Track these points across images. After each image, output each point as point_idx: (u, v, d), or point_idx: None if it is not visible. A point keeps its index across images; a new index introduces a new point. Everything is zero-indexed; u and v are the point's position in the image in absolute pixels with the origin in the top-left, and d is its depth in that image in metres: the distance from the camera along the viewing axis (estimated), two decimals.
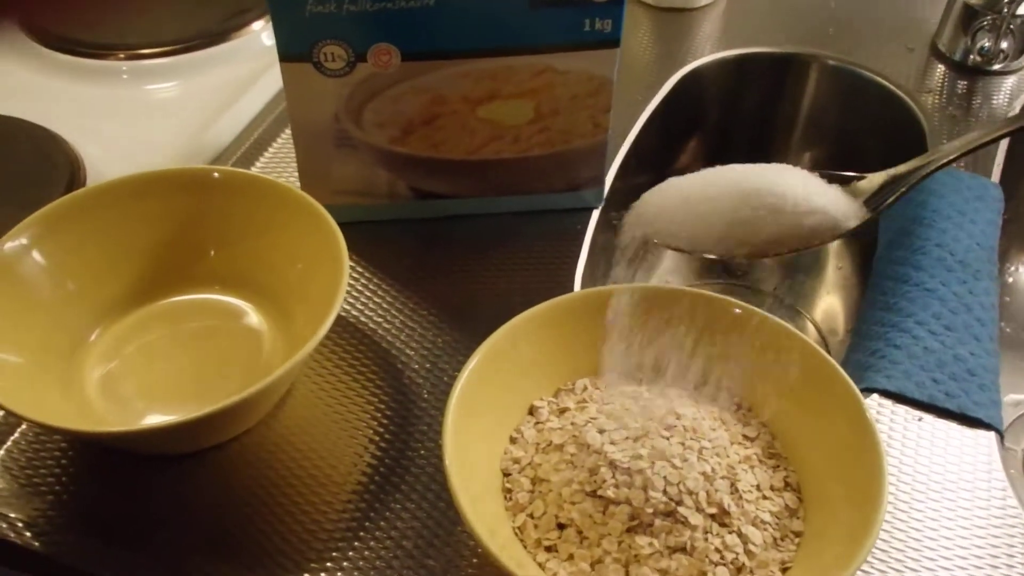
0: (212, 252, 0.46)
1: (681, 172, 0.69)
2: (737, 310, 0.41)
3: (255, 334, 0.44)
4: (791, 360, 0.39)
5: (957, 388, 0.44)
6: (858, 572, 0.36)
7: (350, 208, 0.50)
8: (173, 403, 0.40)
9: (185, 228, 0.45)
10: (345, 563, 0.36)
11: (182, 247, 0.45)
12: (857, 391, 0.37)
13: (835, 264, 0.66)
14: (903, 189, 0.46)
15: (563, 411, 0.39)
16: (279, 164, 0.55)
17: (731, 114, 0.68)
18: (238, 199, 0.45)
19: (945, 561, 0.38)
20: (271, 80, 0.61)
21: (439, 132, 0.49)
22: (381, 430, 0.41)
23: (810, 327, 0.63)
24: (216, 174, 0.46)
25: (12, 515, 0.37)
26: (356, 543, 0.37)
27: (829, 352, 0.53)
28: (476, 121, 0.49)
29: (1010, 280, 0.66)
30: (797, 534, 0.36)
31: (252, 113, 0.58)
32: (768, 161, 0.69)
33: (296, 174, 0.50)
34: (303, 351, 0.37)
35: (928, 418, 0.43)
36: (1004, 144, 0.62)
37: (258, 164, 0.55)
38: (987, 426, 0.43)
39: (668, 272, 0.67)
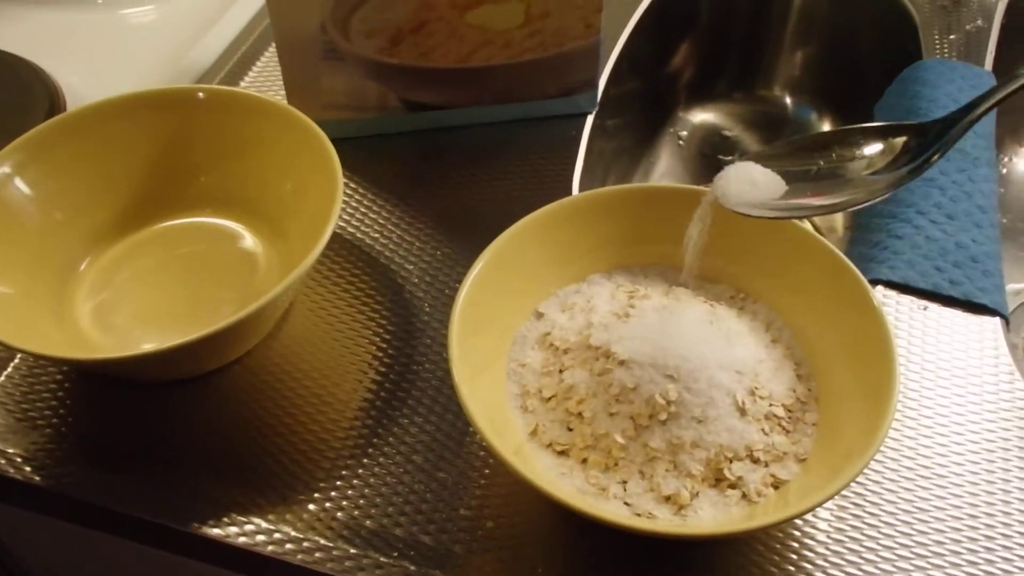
0: (201, 174, 0.41)
1: (673, 76, 0.65)
2: None
3: (250, 255, 0.40)
4: (796, 253, 0.36)
5: (961, 275, 0.41)
6: (874, 459, 0.34)
7: (340, 123, 0.46)
8: (169, 329, 0.37)
9: (172, 150, 0.41)
10: (355, 480, 0.33)
11: (170, 170, 0.41)
12: (864, 280, 0.34)
13: None
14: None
15: (570, 313, 0.36)
16: (266, 81, 0.50)
17: (723, 12, 0.63)
18: (225, 118, 0.40)
19: (956, 447, 0.35)
20: None
21: (428, 40, 0.44)
22: (384, 345, 0.37)
23: (808, 226, 0.60)
24: (201, 93, 0.41)
25: (10, 450, 0.34)
26: (365, 460, 0.34)
27: None
28: (465, 27, 0.44)
29: (1004, 171, 0.63)
30: (811, 425, 0.33)
31: (235, 31, 0.53)
32: (761, 55, 0.65)
33: (284, 91, 0.45)
34: (299, 270, 0.33)
35: (933, 306, 0.40)
36: (996, 32, 0.57)
37: (244, 82, 0.50)
38: (992, 312, 0.40)
39: (663, 176, 0.63)
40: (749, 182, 0.34)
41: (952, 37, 0.56)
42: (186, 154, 0.41)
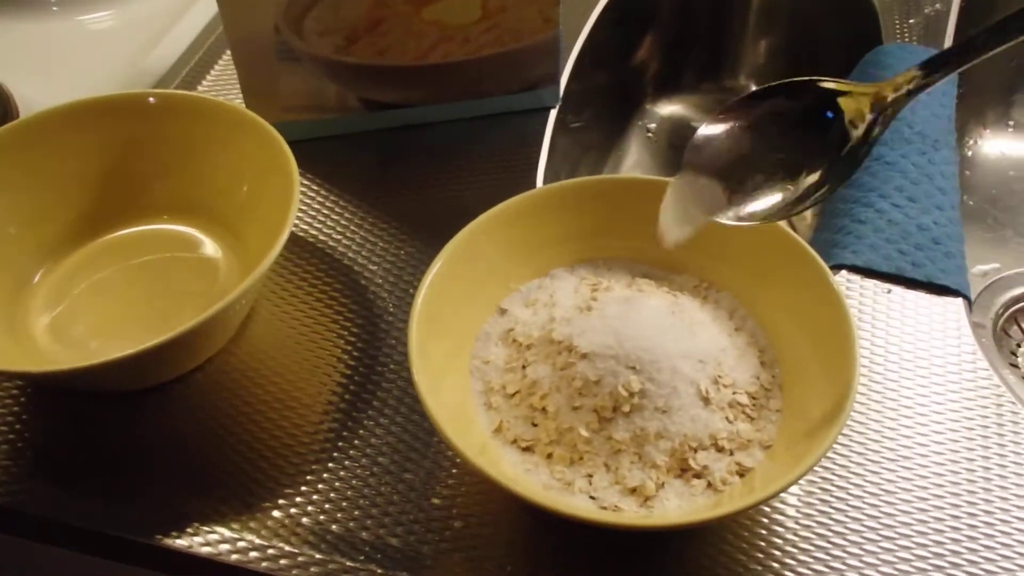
0: (156, 180, 0.41)
1: (639, 68, 0.65)
2: None
3: (209, 261, 0.40)
4: (758, 241, 0.36)
5: (923, 257, 0.41)
6: (840, 443, 0.34)
7: (299, 125, 0.45)
8: (128, 340, 0.35)
9: (125, 157, 0.40)
10: (320, 485, 0.33)
11: (124, 177, 0.40)
12: (823, 264, 0.34)
13: None
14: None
15: (533, 308, 0.35)
16: (224, 85, 0.49)
17: (685, 3, 0.63)
18: (178, 122, 0.40)
19: (921, 427, 0.35)
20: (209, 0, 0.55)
21: (384, 38, 0.44)
22: (348, 347, 0.37)
23: None
24: (152, 98, 0.40)
25: None
26: (331, 464, 0.33)
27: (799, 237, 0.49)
28: (422, 24, 0.44)
29: (969, 154, 0.63)
30: (776, 412, 0.33)
31: (191, 36, 0.52)
32: (725, 45, 0.65)
33: (242, 94, 0.45)
34: (257, 272, 0.33)
35: (897, 289, 0.40)
36: (954, 16, 0.57)
37: (201, 87, 0.49)
38: (955, 293, 0.40)
39: (633, 168, 0.63)
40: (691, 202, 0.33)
41: (912, 21, 0.56)
42: (140, 160, 0.40)
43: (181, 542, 0.31)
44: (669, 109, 0.67)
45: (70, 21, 0.55)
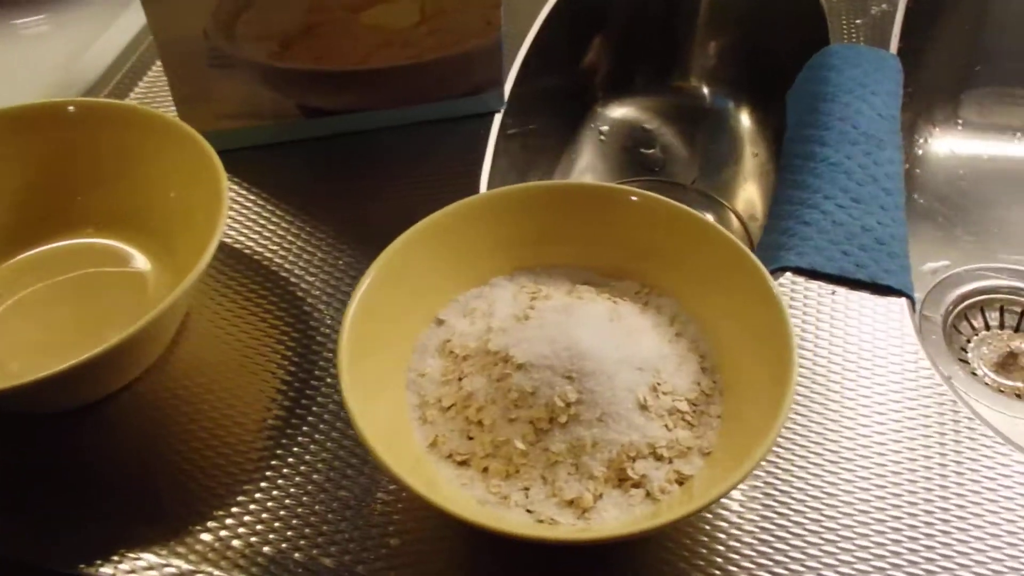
0: (79, 192, 0.39)
1: (589, 71, 0.65)
2: (634, 198, 0.37)
3: (137, 276, 0.38)
4: (697, 245, 0.36)
5: (867, 258, 0.42)
6: (783, 445, 0.34)
7: (236, 132, 0.44)
8: (52, 360, 0.34)
9: (46, 169, 0.39)
10: (252, 505, 0.32)
11: (45, 190, 0.39)
12: (761, 267, 0.34)
13: (751, 151, 0.63)
14: None
15: (471, 318, 0.35)
16: (158, 93, 0.48)
17: (634, 5, 0.63)
18: (99, 132, 0.39)
19: (864, 428, 0.35)
20: None
21: (321, 42, 0.43)
22: (284, 361, 0.36)
23: (731, 216, 0.60)
24: (71, 107, 0.39)
25: None
26: (263, 483, 0.33)
27: (751, 239, 0.50)
28: (360, 27, 0.43)
29: (920, 152, 0.64)
30: (716, 418, 0.33)
31: (124, 41, 0.51)
32: (676, 47, 0.65)
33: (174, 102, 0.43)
34: (186, 283, 0.32)
35: (841, 291, 0.40)
36: (900, 15, 0.58)
37: (133, 94, 0.48)
38: (898, 292, 0.40)
39: (585, 171, 0.62)
40: None
41: (858, 22, 0.57)
42: (61, 172, 0.39)
43: (105, 570, 0.30)
44: (621, 111, 0.66)
45: (5, 26, 0.54)
